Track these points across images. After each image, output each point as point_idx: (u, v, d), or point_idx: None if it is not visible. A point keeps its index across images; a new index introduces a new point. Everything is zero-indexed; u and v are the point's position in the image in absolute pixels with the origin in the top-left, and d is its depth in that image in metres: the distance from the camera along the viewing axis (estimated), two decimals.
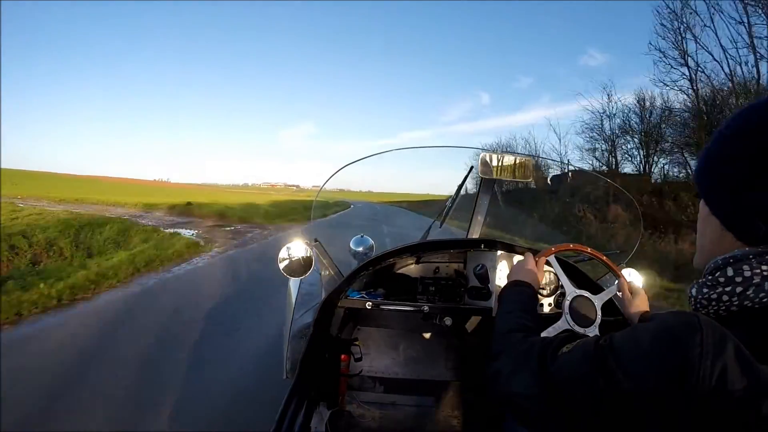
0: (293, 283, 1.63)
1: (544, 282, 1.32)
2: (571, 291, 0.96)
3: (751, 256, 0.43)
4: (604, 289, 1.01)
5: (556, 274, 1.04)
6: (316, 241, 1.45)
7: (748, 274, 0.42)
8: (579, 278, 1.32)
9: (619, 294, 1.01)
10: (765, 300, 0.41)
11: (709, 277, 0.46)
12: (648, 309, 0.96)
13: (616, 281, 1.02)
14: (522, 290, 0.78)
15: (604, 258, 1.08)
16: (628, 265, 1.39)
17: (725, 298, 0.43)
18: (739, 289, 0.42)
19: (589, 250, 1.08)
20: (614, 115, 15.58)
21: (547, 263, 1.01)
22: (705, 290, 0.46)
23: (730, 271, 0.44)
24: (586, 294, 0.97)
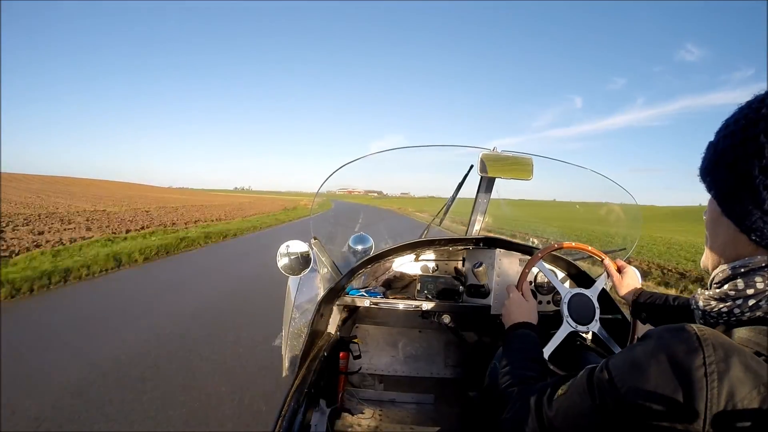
0: (292, 281, 1.63)
1: (539, 281, 1.33)
2: (565, 292, 0.97)
3: (764, 265, 0.41)
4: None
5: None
6: (314, 239, 1.45)
7: (761, 286, 0.40)
8: (576, 275, 1.32)
9: (609, 282, 1.02)
10: None
11: (717, 290, 0.44)
12: (639, 285, 0.97)
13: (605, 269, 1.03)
14: (523, 333, 0.76)
15: (589, 248, 1.09)
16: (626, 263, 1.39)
17: (737, 311, 0.41)
18: (751, 302, 0.40)
19: (573, 244, 1.09)
20: None
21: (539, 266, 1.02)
22: (713, 303, 0.43)
23: (740, 284, 0.41)
24: (581, 291, 0.97)
